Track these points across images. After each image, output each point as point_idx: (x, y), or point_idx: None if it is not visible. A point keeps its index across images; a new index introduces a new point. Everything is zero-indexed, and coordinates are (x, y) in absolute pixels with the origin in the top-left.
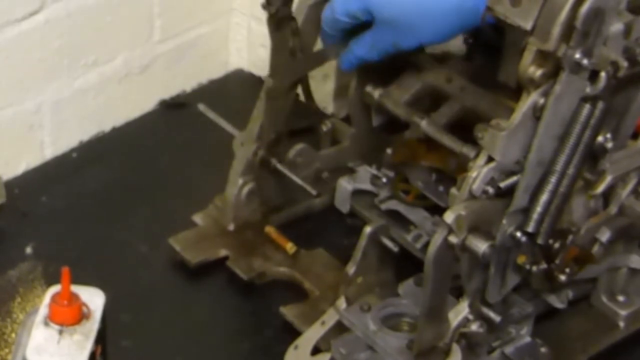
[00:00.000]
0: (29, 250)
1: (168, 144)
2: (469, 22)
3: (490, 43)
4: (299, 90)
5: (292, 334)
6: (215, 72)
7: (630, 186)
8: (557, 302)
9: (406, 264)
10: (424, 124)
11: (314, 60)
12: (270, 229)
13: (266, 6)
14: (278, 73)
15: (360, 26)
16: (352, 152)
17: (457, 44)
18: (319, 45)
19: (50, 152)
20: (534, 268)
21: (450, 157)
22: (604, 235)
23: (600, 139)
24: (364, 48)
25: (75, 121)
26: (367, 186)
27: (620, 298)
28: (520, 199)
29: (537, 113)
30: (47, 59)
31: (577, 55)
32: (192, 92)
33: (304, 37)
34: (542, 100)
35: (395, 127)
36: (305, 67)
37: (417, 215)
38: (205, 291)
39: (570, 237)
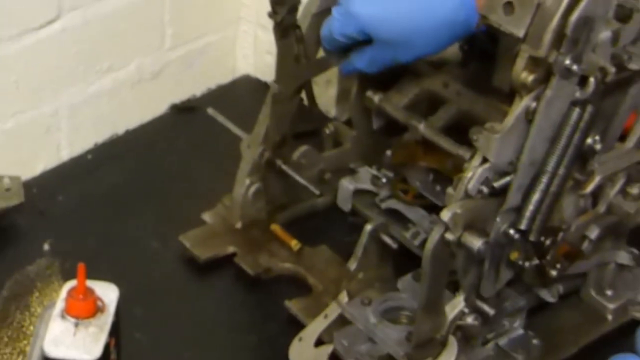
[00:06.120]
0: (46, 247)
1: (179, 146)
2: (462, 33)
3: (484, 50)
4: (303, 95)
5: (296, 326)
6: (224, 77)
7: (618, 186)
8: (548, 296)
9: (405, 260)
10: (421, 126)
11: (318, 67)
12: (275, 227)
13: (272, 15)
14: (283, 78)
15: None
16: (354, 154)
17: (453, 51)
18: (321, 52)
19: (66, 153)
20: (526, 264)
21: (446, 158)
22: (593, 233)
23: (589, 141)
24: (363, 62)
25: (90, 124)
26: (368, 186)
27: (609, 292)
28: (513, 198)
29: (529, 116)
30: (64, 65)
31: (567, 61)
32: (201, 97)
33: (308, 44)
34: (534, 104)
35: (394, 129)
36: (309, 73)
37: (415, 213)
38: (213, 286)
39: (560, 235)
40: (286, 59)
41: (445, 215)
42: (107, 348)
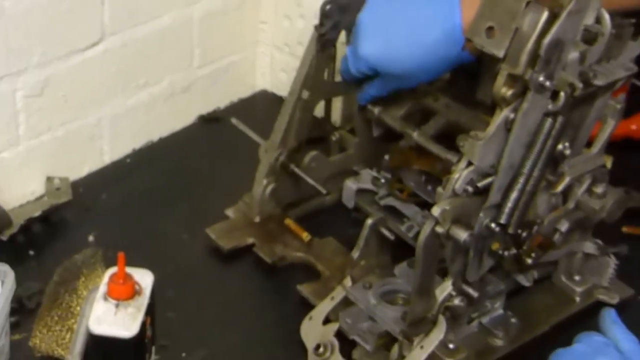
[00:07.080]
0: (91, 238)
1: (205, 151)
2: (455, 63)
3: (469, 69)
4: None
5: (307, 307)
6: (244, 92)
7: (584, 186)
8: (524, 280)
9: (401, 249)
10: (415, 134)
11: (340, 88)
12: (289, 221)
13: (318, 27)
14: (314, 88)
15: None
16: (357, 158)
17: None
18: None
19: (108, 157)
20: (506, 253)
21: (437, 162)
22: (563, 226)
23: (560, 147)
24: (374, 90)
25: (129, 132)
26: (369, 186)
27: (577, 277)
28: (494, 196)
29: (508, 126)
30: (106, 81)
31: (541, 78)
32: (225, 109)
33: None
34: (512, 115)
35: (391, 137)
36: (333, 91)
37: (409, 209)
38: (235, 272)
39: (535, 228)
40: (320, 71)
41: (436, 211)
42: (143, 326)
